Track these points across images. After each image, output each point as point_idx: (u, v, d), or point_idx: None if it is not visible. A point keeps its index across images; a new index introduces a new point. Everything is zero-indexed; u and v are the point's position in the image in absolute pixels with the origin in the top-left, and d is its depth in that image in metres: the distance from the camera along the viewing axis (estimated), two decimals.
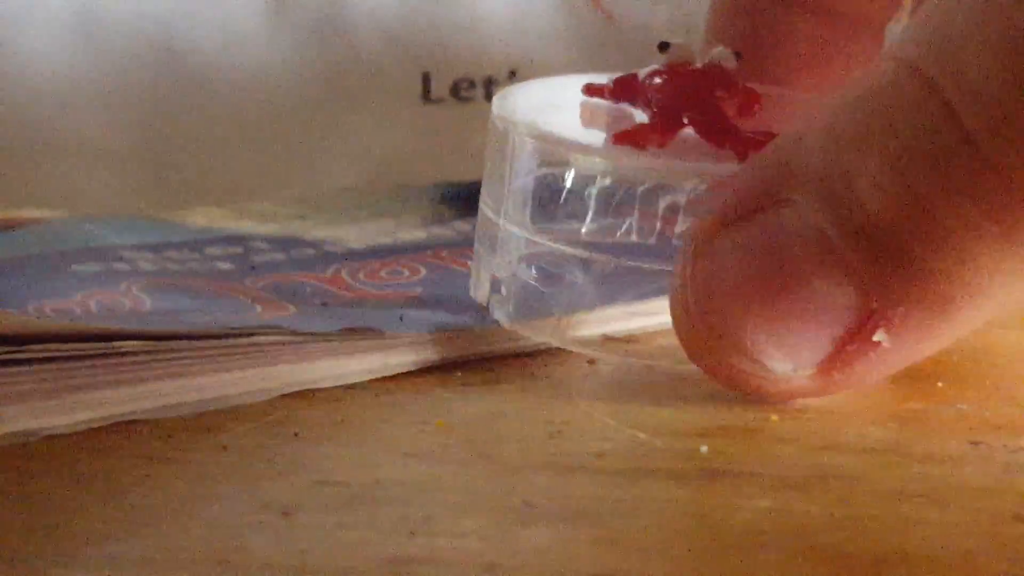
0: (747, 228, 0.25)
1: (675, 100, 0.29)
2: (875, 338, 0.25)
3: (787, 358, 0.26)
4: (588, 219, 0.29)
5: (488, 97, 0.47)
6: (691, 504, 0.24)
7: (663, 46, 0.29)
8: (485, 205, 0.31)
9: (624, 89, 0.30)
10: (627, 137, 0.28)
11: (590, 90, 0.31)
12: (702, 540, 0.23)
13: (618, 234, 0.29)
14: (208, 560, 0.22)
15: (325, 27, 0.48)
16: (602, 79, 0.31)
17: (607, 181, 0.28)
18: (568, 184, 0.29)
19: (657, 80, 0.29)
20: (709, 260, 0.26)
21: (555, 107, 0.31)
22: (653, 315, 0.33)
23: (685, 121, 0.29)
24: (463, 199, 0.46)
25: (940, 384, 0.30)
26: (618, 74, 0.31)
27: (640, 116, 0.30)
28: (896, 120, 0.23)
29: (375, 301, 0.35)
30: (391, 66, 0.48)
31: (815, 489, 0.25)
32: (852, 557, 0.22)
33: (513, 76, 0.48)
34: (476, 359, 0.32)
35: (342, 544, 0.22)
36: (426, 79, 0.48)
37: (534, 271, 0.31)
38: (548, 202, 0.29)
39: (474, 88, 0.48)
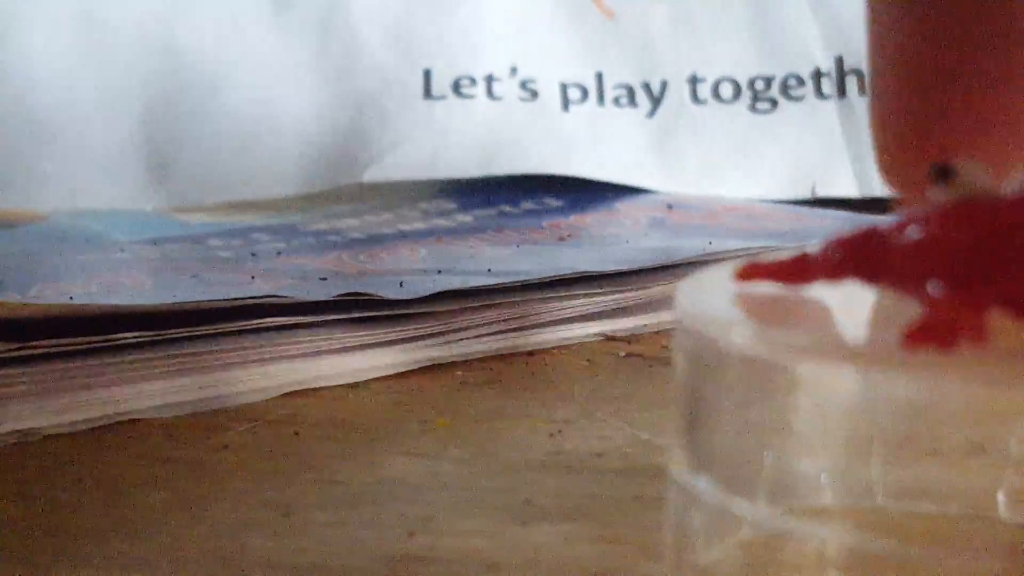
0: None
1: (972, 264, 0.17)
2: None
3: None
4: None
5: (490, 93, 0.47)
6: None
7: (943, 172, 0.18)
8: (677, 462, 0.20)
9: (843, 257, 0.18)
10: (925, 335, 0.17)
11: (748, 273, 0.20)
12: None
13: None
14: (209, 559, 0.22)
15: (327, 24, 0.48)
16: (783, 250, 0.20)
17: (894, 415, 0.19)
18: (833, 418, 0.20)
19: (915, 234, 0.18)
20: None
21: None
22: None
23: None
24: (465, 194, 0.47)
25: None
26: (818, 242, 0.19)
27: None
28: None
29: (375, 275, 0.36)
30: (392, 63, 0.48)
31: None
32: None
33: (514, 73, 0.48)
34: (477, 358, 0.32)
35: (343, 543, 0.22)
36: (427, 76, 0.48)
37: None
38: (787, 449, 0.20)
39: (475, 85, 0.48)
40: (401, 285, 0.32)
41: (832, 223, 0.41)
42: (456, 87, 0.48)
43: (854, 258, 0.18)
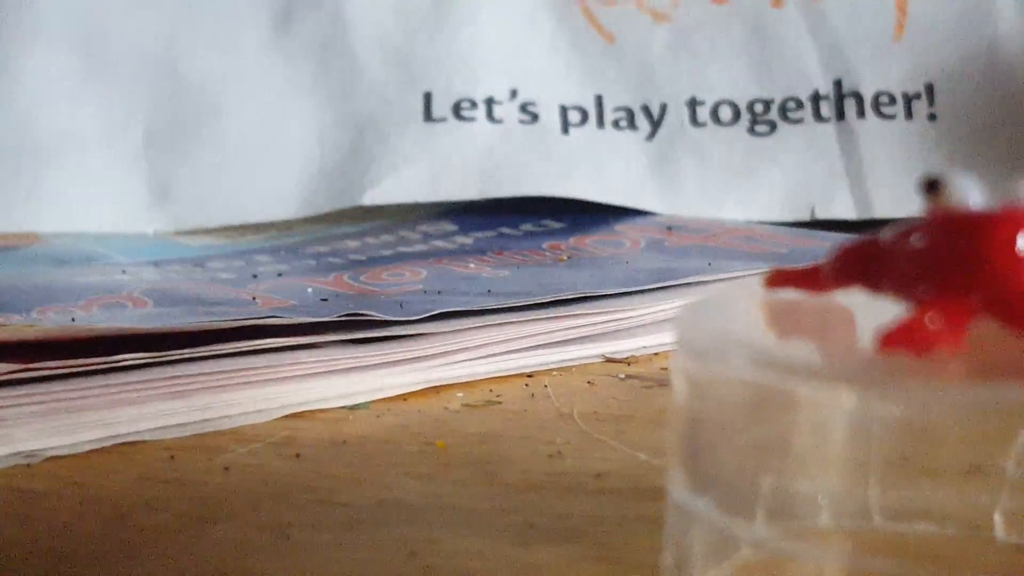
0: None
1: (958, 271, 0.18)
2: None
3: None
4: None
5: (490, 116, 0.48)
6: None
7: (932, 185, 0.18)
8: (677, 483, 0.20)
9: (848, 265, 0.20)
10: (902, 337, 0.18)
11: (776, 280, 0.21)
12: None
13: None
14: None
15: (327, 46, 0.48)
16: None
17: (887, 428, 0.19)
18: (836, 439, 0.19)
19: (918, 241, 0.19)
20: None
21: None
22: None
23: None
24: (465, 216, 0.47)
25: None
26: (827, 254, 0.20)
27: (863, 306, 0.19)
28: None
29: (375, 296, 0.36)
30: (393, 85, 0.48)
31: None
32: None
33: (514, 96, 0.48)
34: (478, 379, 0.32)
35: (343, 565, 0.22)
36: (427, 98, 0.48)
37: None
38: (785, 471, 0.20)
39: (475, 107, 0.48)
40: (401, 306, 0.32)
41: (831, 245, 0.41)
42: (456, 110, 0.48)
43: (855, 266, 0.20)
